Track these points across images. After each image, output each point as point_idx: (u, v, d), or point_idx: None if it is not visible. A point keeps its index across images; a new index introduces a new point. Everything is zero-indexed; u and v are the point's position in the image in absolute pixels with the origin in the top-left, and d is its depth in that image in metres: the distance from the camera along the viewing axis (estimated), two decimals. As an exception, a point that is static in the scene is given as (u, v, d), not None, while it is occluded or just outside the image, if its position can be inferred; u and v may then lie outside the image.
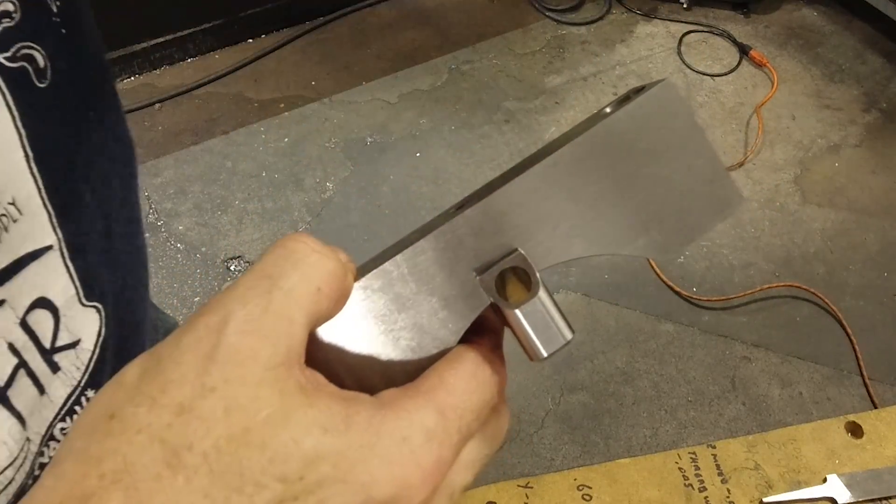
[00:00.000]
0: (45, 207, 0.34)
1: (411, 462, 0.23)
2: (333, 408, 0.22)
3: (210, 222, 2.01)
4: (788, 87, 2.37)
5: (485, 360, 0.26)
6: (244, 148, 2.18)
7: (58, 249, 0.35)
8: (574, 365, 1.74)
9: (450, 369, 0.25)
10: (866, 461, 0.72)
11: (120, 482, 0.20)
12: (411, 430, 0.23)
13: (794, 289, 1.87)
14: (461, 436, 0.24)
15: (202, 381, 0.21)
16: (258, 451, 0.21)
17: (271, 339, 0.22)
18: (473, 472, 0.26)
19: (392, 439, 0.23)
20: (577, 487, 0.69)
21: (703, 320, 1.83)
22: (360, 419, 0.23)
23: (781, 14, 2.63)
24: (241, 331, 0.22)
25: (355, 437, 0.22)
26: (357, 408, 0.23)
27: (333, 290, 0.24)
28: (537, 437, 1.62)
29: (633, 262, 1.92)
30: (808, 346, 1.78)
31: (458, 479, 0.25)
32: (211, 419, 0.21)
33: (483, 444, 0.26)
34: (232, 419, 0.21)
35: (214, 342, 0.22)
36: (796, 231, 2.01)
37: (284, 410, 0.21)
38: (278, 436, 0.21)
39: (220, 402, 0.21)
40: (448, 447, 0.24)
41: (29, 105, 0.32)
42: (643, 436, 1.63)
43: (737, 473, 0.71)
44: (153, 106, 2.27)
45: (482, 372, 0.26)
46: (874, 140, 2.24)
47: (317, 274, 0.24)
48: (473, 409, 0.25)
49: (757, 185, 2.12)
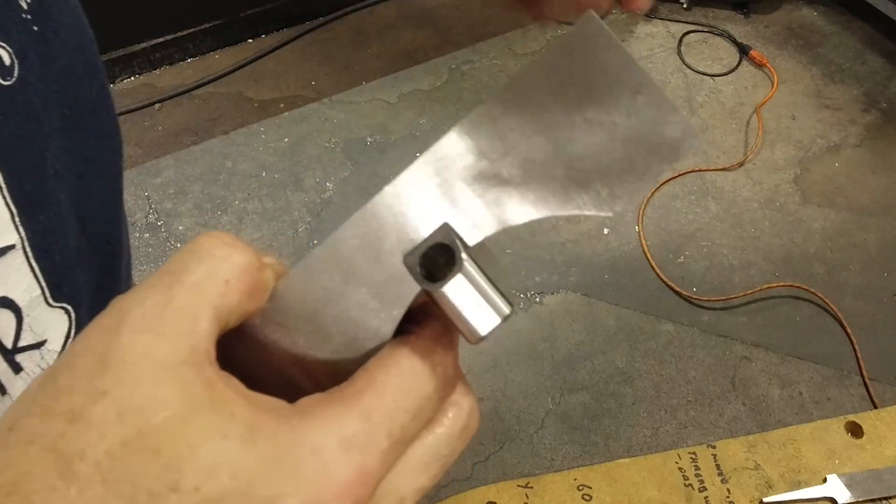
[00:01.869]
0: (6, 206, 0.33)
1: (323, 475, 0.21)
2: (239, 413, 0.21)
3: (210, 222, 2.01)
4: (788, 87, 2.37)
5: (424, 351, 0.24)
6: (244, 148, 2.18)
7: (20, 248, 0.34)
8: (574, 365, 1.74)
9: (380, 367, 0.23)
10: (866, 461, 0.72)
11: (13, 495, 0.19)
12: (325, 441, 0.21)
13: (794, 289, 1.87)
14: (393, 440, 0.22)
15: (94, 385, 0.20)
16: (152, 457, 0.19)
17: (170, 336, 0.21)
18: (432, 473, 0.24)
19: (301, 451, 0.21)
20: (577, 487, 0.69)
21: (703, 320, 1.83)
22: (267, 428, 0.21)
23: (781, 14, 2.63)
24: (135, 329, 0.21)
25: (260, 447, 0.20)
26: (266, 415, 0.21)
27: (245, 283, 0.23)
28: (537, 437, 1.62)
29: (633, 261, 1.92)
30: (808, 346, 1.78)
31: (407, 485, 0.23)
32: (104, 425, 0.20)
33: (440, 443, 0.24)
34: (126, 423, 0.20)
35: (107, 344, 0.21)
36: (796, 231, 2.01)
37: (184, 413, 0.20)
38: (174, 441, 0.20)
39: (113, 405, 0.20)
40: (374, 455, 0.22)
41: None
42: (643, 436, 1.63)
43: (737, 473, 0.71)
44: (153, 106, 2.27)
45: (419, 366, 0.23)
46: (874, 140, 2.24)
47: (224, 266, 0.22)
48: (409, 408, 0.23)
49: (757, 185, 2.12)
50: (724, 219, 2.04)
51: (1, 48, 0.31)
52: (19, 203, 0.33)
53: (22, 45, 0.33)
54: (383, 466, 0.22)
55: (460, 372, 0.26)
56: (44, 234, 0.35)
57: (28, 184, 0.34)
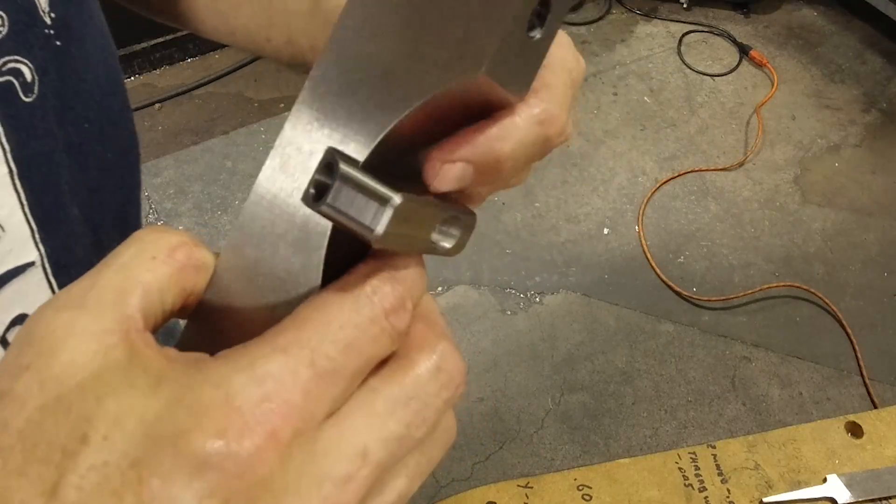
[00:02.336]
0: (27, 223, 0.33)
1: (225, 407, 0.19)
2: (151, 366, 0.20)
3: (210, 222, 2.01)
4: (788, 87, 2.37)
5: (351, 284, 0.22)
6: (244, 148, 2.18)
7: (40, 266, 0.34)
8: (574, 365, 1.74)
9: (303, 307, 0.22)
10: (866, 461, 0.72)
11: None
12: (230, 375, 0.20)
13: (794, 289, 1.87)
14: (319, 371, 0.21)
15: (18, 362, 0.21)
16: (64, 416, 0.20)
17: (92, 310, 0.21)
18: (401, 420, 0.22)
19: (204, 388, 0.20)
20: (577, 487, 0.69)
21: (703, 320, 1.83)
22: (176, 374, 0.20)
23: (781, 14, 2.63)
24: (58, 307, 0.21)
25: (165, 390, 0.20)
26: (179, 364, 0.21)
27: (175, 260, 0.23)
28: (537, 437, 1.62)
29: (633, 261, 1.92)
30: (808, 346, 1.78)
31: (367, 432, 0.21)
32: (26, 396, 0.20)
33: (405, 385, 0.22)
34: (45, 391, 0.20)
35: (33, 324, 0.21)
36: (796, 231, 2.01)
37: (98, 373, 0.20)
38: (84, 397, 0.20)
39: (35, 377, 0.20)
40: (292, 386, 0.20)
41: (14, 119, 0.31)
42: (643, 436, 1.63)
43: (737, 473, 0.71)
44: (153, 106, 2.27)
45: (344, 297, 0.22)
46: (874, 140, 2.24)
47: (151, 246, 0.23)
48: (335, 339, 0.21)
49: (757, 185, 2.12)
50: (724, 219, 2.04)
51: (23, 64, 0.31)
52: (39, 220, 0.34)
53: (44, 61, 0.32)
54: (309, 399, 0.20)
55: (430, 316, 0.25)
56: (61, 250, 0.35)
57: (46, 200, 0.34)
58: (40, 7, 0.32)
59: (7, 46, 0.30)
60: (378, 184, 0.21)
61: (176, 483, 0.19)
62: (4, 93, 0.31)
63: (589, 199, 2.06)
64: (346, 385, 0.21)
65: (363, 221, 0.21)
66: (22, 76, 0.31)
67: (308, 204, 0.22)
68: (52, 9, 0.33)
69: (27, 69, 0.32)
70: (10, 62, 0.31)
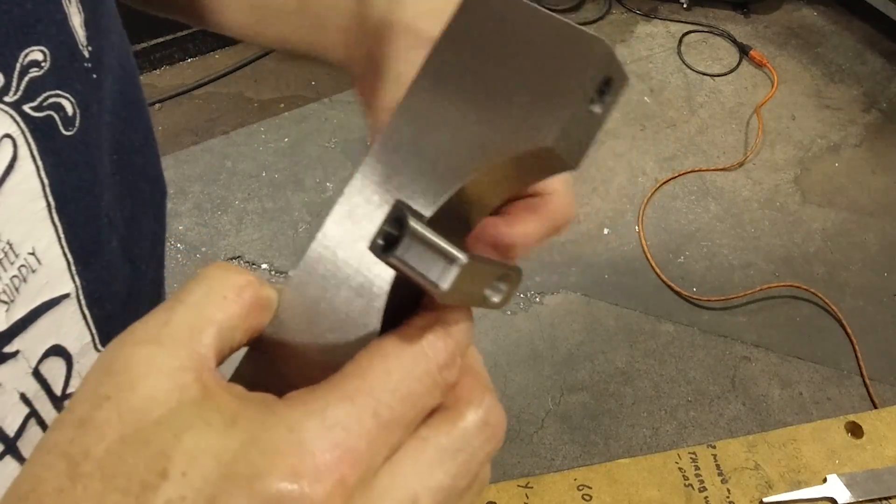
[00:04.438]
0: (63, 256, 0.33)
1: (299, 451, 0.21)
2: (225, 405, 0.21)
3: (210, 222, 2.01)
4: (788, 87, 2.37)
5: (410, 336, 0.24)
6: (244, 148, 2.18)
7: (74, 298, 0.35)
8: (574, 365, 1.74)
9: (365, 354, 0.23)
10: (866, 461, 0.72)
11: (27, 499, 0.21)
12: (303, 419, 0.21)
13: (794, 289, 1.87)
14: (381, 421, 0.22)
15: (98, 392, 0.22)
16: (143, 449, 0.21)
17: (168, 346, 0.22)
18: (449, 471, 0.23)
19: (279, 430, 0.21)
20: (577, 487, 0.69)
21: (703, 320, 1.83)
22: (249, 414, 0.21)
23: (781, 14, 2.64)
24: (137, 342, 0.22)
25: (240, 430, 0.21)
26: (251, 405, 0.22)
27: (243, 299, 0.24)
28: (537, 437, 1.62)
29: (633, 261, 1.92)
30: (808, 346, 1.78)
31: (419, 481, 0.22)
32: (105, 426, 0.21)
33: (453, 438, 0.23)
34: (124, 422, 0.21)
35: (112, 356, 0.22)
36: (796, 231, 2.01)
37: (175, 409, 0.21)
38: (162, 433, 0.21)
39: (115, 408, 0.21)
40: (358, 434, 0.21)
41: (54, 154, 0.31)
42: (643, 436, 1.63)
43: (737, 473, 0.71)
44: (153, 106, 2.27)
45: (404, 348, 0.23)
46: (874, 140, 2.24)
47: (222, 285, 0.24)
48: (395, 389, 0.22)
49: (757, 185, 2.12)
50: (724, 219, 2.04)
51: (66, 99, 0.32)
52: (75, 252, 0.34)
53: (84, 95, 0.33)
54: (371, 448, 0.21)
55: (475, 368, 0.26)
56: (97, 282, 0.36)
57: (85, 233, 0.34)
58: (79, 41, 0.32)
59: (49, 81, 0.30)
60: (444, 242, 0.23)
61: None
62: (45, 127, 0.31)
63: (589, 199, 2.06)
64: (402, 434, 0.23)
65: (430, 277, 0.23)
66: (63, 110, 0.31)
67: (376, 253, 0.23)
68: (89, 42, 0.33)
69: (69, 103, 0.32)
70: (52, 97, 0.31)
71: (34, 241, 0.32)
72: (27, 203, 0.31)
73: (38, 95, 0.30)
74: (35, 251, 0.32)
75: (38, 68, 0.30)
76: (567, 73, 0.24)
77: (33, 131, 0.30)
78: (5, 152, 0.29)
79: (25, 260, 0.31)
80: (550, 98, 0.24)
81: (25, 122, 0.30)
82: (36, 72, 0.30)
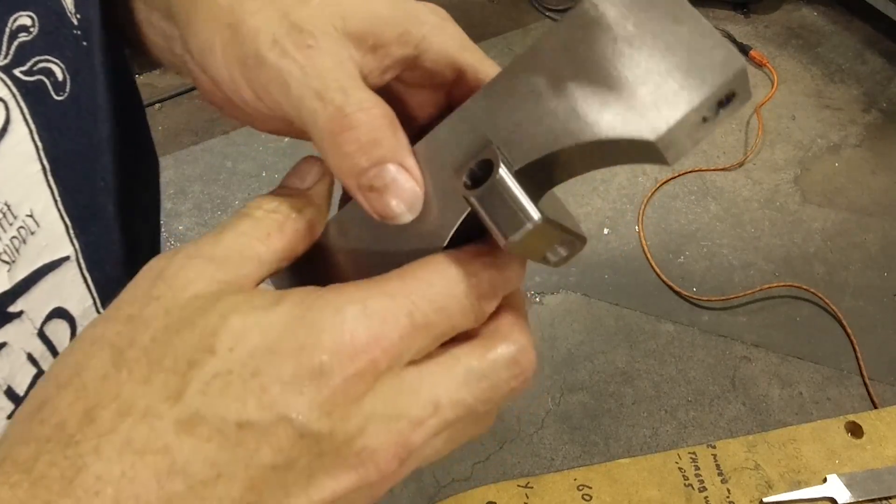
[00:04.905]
0: (61, 219, 0.34)
1: (341, 332, 0.22)
2: (269, 293, 0.23)
3: (210, 222, 2.01)
4: (788, 87, 2.37)
5: (459, 259, 0.25)
6: (244, 148, 2.18)
7: (74, 260, 0.35)
8: (574, 365, 1.74)
9: (415, 264, 0.25)
10: (866, 461, 0.72)
11: (70, 385, 0.22)
12: (347, 305, 0.23)
13: (794, 289, 1.87)
14: (414, 323, 0.23)
15: (149, 293, 0.23)
16: (189, 331, 0.22)
17: (218, 262, 0.24)
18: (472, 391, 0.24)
19: (325, 311, 0.23)
20: (577, 487, 0.69)
21: (703, 320, 1.83)
22: (294, 298, 0.23)
23: (781, 14, 2.63)
24: (188, 255, 0.24)
25: (285, 309, 0.23)
26: (295, 292, 0.23)
27: (285, 234, 0.26)
28: (537, 437, 1.62)
29: (633, 261, 1.92)
30: (808, 346, 1.78)
31: (444, 391, 0.24)
32: (152, 319, 0.23)
33: (483, 365, 0.25)
34: (170, 315, 0.22)
35: (163, 266, 0.24)
36: (796, 231, 2.01)
37: (223, 299, 0.23)
38: (209, 315, 0.22)
39: (162, 305, 0.23)
40: (393, 328, 0.23)
41: (46, 118, 0.32)
42: (643, 436, 1.63)
43: (737, 473, 0.71)
44: (153, 106, 2.27)
45: (450, 267, 0.25)
46: (874, 140, 2.24)
47: (266, 221, 0.26)
48: (432, 299, 0.24)
49: (757, 185, 2.12)
50: (724, 219, 2.04)
51: (54, 64, 0.32)
52: (73, 216, 0.35)
53: (74, 61, 0.33)
54: (402, 342, 0.23)
55: (518, 311, 0.27)
56: (96, 245, 0.37)
57: (81, 197, 0.35)
58: (67, 8, 0.33)
59: (38, 46, 0.31)
60: (524, 197, 0.24)
61: (293, 390, 0.21)
62: (36, 91, 0.31)
63: (589, 199, 2.06)
64: (430, 342, 0.24)
65: (501, 226, 0.24)
66: (53, 76, 0.32)
67: (457, 183, 0.25)
68: (77, 10, 0.34)
69: (58, 69, 0.32)
70: (41, 62, 0.31)
71: (31, 203, 0.32)
72: (22, 165, 0.31)
73: (27, 60, 0.31)
74: (33, 213, 0.32)
75: (26, 33, 0.30)
76: (694, 76, 0.24)
77: (25, 95, 0.31)
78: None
79: (24, 222, 0.32)
80: (669, 95, 0.24)
81: (17, 86, 0.30)
82: (25, 37, 0.30)
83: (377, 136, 0.26)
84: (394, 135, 0.26)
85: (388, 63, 0.29)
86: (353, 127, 0.26)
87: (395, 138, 0.26)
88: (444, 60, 0.30)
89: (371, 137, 0.26)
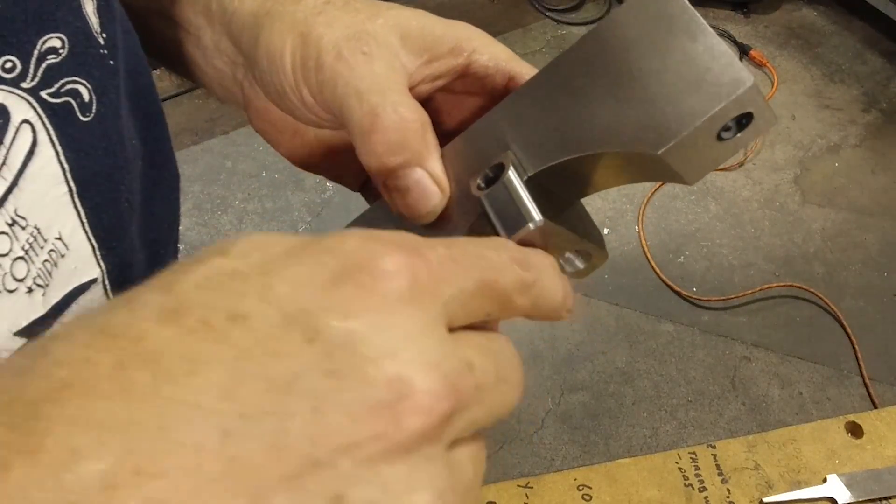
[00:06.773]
0: (88, 241, 0.34)
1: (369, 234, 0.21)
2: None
3: (210, 222, 2.01)
4: (788, 87, 2.37)
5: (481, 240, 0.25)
6: (244, 148, 2.18)
7: (101, 282, 0.36)
8: (574, 365, 1.74)
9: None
10: (866, 461, 0.72)
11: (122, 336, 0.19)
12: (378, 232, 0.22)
13: (794, 289, 1.87)
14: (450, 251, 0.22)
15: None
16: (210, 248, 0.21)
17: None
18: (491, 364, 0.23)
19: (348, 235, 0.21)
20: (577, 487, 0.69)
21: (703, 320, 1.83)
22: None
23: (781, 14, 2.63)
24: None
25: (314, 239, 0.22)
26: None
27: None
28: (537, 437, 1.62)
29: (633, 261, 1.92)
30: (808, 346, 1.78)
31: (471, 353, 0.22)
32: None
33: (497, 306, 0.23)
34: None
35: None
36: (796, 231, 2.01)
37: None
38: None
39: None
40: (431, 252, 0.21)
41: (72, 139, 0.32)
42: (643, 436, 1.63)
43: (737, 473, 0.71)
44: (153, 106, 2.27)
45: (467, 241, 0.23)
46: (874, 140, 2.24)
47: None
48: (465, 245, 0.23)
49: (757, 185, 2.12)
50: (724, 219, 2.04)
51: (81, 85, 0.32)
52: (99, 237, 0.35)
53: (101, 81, 0.33)
54: (441, 269, 0.21)
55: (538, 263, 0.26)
56: (121, 266, 0.37)
57: (106, 217, 0.35)
58: (94, 28, 0.33)
59: (66, 68, 0.31)
60: (529, 200, 0.26)
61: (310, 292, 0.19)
62: (63, 113, 0.31)
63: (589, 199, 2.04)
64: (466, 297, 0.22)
65: (504, 225, 0.26)
66: (80, 97, 0.32)
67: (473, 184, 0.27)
68: (102, 29, 0.34)
69: (85, 89, 0.32)
70: (69, 83, 0.31)
71: (60, 226, 0.32)
72: (50, 188, 0.31)
73: (55, 82, 0.31)
74: (62, 236, 0.32)
75: (55, 55, 0.30)
76: (702, 94, 0.24)
77: (51, 117, 0.31)
78: (25, 138, 0.30)
79: (54, 245, 0.32)
80: (678, 112, 0.25)
81: (43, 108, 0.30)
82: (53, 58, 0.30)
83: (406, 139, 0.28)
84: (422, 138, 0.29)
85: (439, 71, 0.33)
86: (383, 127, 0.28)
87: (423, 142, 0.29)
88: (494, 67, 0.33)
89: (399, 139, 0.28)
